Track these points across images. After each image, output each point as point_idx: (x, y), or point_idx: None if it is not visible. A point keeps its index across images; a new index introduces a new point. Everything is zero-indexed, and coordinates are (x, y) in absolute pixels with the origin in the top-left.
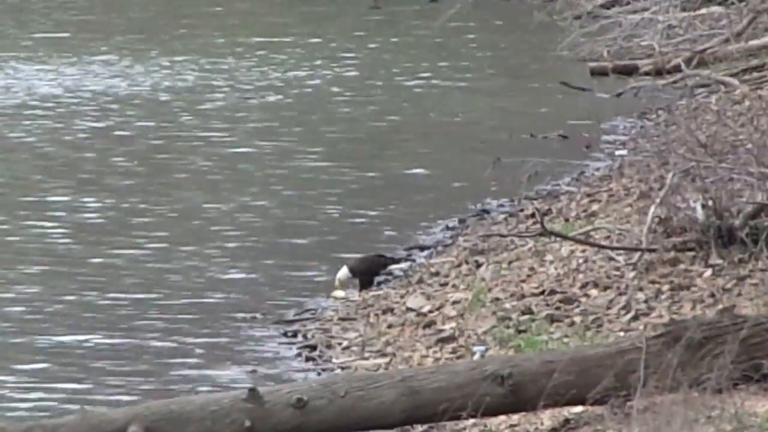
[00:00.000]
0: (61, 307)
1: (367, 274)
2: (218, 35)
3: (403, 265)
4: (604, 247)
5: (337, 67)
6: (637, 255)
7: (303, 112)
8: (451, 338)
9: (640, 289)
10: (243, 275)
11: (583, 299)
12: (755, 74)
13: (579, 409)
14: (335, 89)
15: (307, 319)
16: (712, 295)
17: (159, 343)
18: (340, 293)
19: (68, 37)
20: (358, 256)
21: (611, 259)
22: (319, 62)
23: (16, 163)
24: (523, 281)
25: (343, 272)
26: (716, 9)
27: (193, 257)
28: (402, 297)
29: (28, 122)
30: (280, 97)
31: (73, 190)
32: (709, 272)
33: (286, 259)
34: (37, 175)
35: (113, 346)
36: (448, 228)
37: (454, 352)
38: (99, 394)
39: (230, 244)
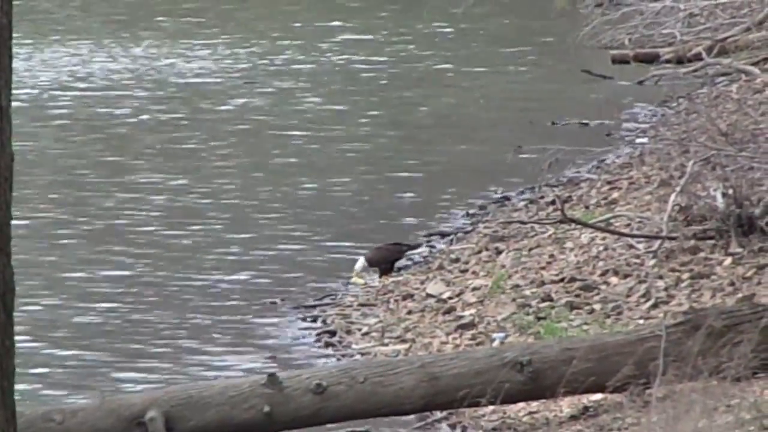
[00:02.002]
0: (75, 289)
1: (384, 262)
2: (246, 25)
3: (422, 249)
4: (624, 234)
5: (349, 52)
6: (657, 243)
7: (318, 100)
8: (470, 325)
9: (660, 277)
10: (262, 260)
11: (603, 287)
12: None
13: (598, 396)
14: (343, 76)
15: (327, 304)
16: (732, 284)
17: (178, 328)
18: (359, 280)
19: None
20: (375, 246)
21: (631, 246)
22: (323, 47)
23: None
24: (543, 268)
25: (360, 264)
26: None
27: (216, 241)
28: (422, 283)
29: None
30: (293, 83)
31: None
32: (729, 261)
33: (305, 245)
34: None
35: (131, 331)
36: (468, 215)
37: (473, 338)
38: (118, 379)
39: (250, 228)
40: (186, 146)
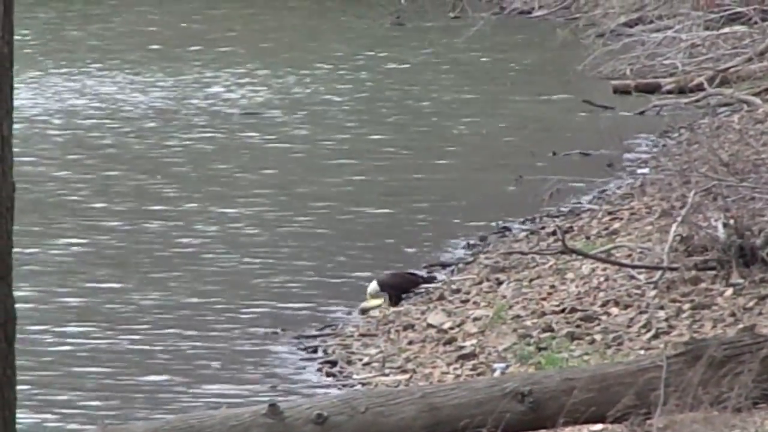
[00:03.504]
0: (72, 314)
1: (396, 289)
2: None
3: (435, 284)
4: (625, 265)
5: (356, 81)
6: (658, 273)
7: (316, 131)
8: (471, 355)
9: (661, 308)
10: (263, 289)
11: (604, 317)
12: None
13: (599, 426)
14: (349, 105)
15: (328, 334)
16: (733, 314)
17: (178, 357)
18: (374, 302)
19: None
20: (389, 272)
21: (632, 277)
22: (334, 76)
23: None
24: (544, 299)
25: (373, 287)
26: (739, 28)
27: (215, 270)
28: (423, 313)
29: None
30: (284, 112)
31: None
32: (730, 291)
33: (305, 275)
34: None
35: (130, 360)
36: (469, 245)
37: (474, 368)
38: (119, 408)
39: (252, 258)
40: (209, 173)
